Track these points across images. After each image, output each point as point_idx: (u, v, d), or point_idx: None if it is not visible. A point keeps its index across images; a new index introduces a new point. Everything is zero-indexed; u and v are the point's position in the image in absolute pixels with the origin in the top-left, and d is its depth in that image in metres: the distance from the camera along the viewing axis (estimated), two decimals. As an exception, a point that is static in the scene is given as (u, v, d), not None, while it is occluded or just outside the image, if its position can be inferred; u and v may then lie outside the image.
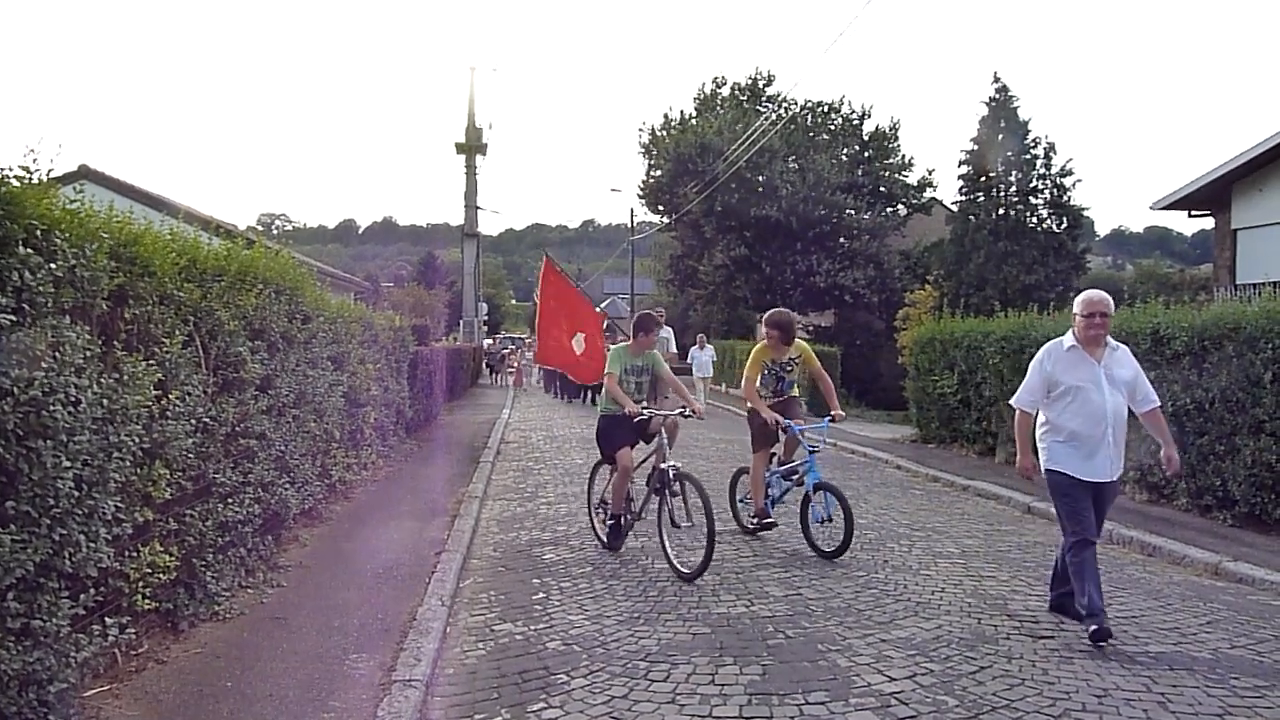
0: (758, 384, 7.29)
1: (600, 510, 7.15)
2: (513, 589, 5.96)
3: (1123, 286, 27.96)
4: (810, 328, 32.43)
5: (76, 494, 3.50)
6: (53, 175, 3.78)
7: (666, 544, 6.28)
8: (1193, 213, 21.31)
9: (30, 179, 3.57)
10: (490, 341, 42.21)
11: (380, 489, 9.48)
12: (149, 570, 4.23)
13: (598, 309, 28.88)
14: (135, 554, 4.19)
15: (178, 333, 4.70)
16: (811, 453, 6.79)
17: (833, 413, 7.15)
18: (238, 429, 5.51)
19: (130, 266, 4.32)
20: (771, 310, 7.41)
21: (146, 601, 4.24)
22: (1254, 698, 4.04)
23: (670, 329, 16.04)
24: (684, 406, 6.69)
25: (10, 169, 3.52)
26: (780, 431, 7.08)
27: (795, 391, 7.54)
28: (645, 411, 6.50)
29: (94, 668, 3.85)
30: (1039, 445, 5.17)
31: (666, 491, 6.37)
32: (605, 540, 6.91)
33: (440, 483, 9.88)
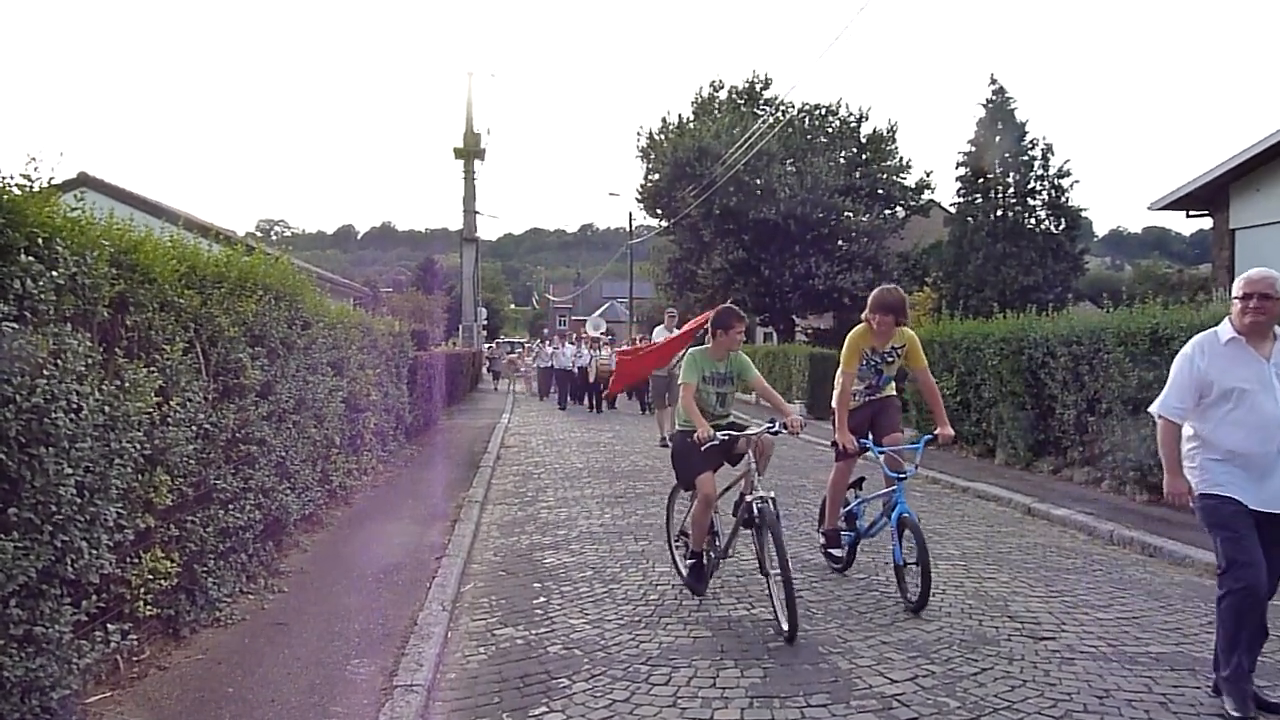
0: (854, 389, 6.02)
1: (680, 544, 6.04)
2: (514, 593, 5.97)
3: (1121, 287, 27.98)
4: (809, 330, 32.43)
5: (78, 501, 3.50)
6: (53, 183, 3.79)
7: (772, 592, 5.07)
8: (1191, 213, 21.33)
9: (31, 187, 3.59)
10: (491, 346, 42.04)
11: (380, 494, 9.48)
12: (150, 576, 4.24)
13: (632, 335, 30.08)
14: (137, 560, 4.20)
15: (178, 339, 4.71)
16: (899, 479, 5.58)
17: (938, 430, 5.80)
18: (238, 435, 5.52)
19: (131, 274, 4.33)
20: (879, 289, 6.00)
21: (148, 608, 4.25)
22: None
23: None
24: (774, 420, 5.44)
25: (11, 177, 3.54)
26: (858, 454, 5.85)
27: (892, 390, 6.26)
28: (719, 436, 5.26)
29: (96, 674, 3.85)
30: (1187, 465, 4.12)
31: (759, 528, 5.18)
32: (685, 578, 5.81)
33: (440, 487, 9.89)
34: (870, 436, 5.96)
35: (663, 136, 33.57)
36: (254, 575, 5.77)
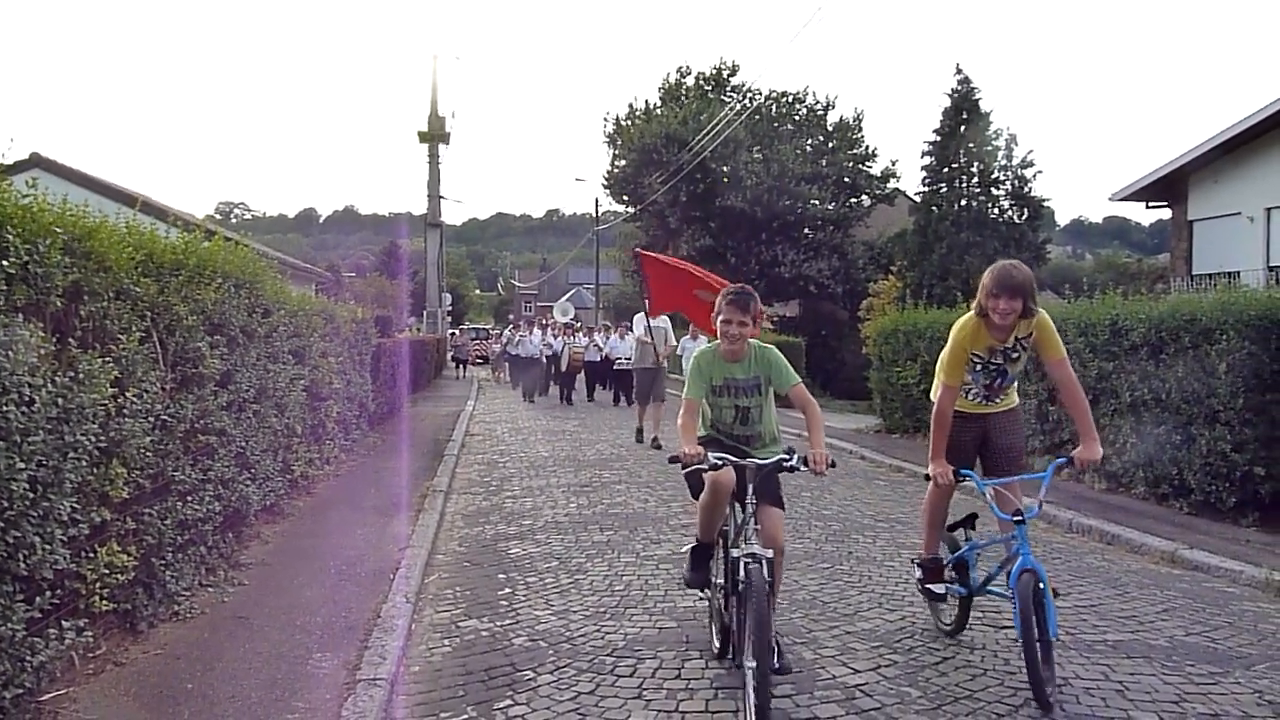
0: (962, 386, 4.50)
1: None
2: (478, 584, 5.94)
3: (1083, 277, 28.39)
4: (776, 318, 32.58)
5: (31, 495, 3.42)
6: (3, 164, 3.69)
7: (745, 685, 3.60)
8: (1150, 204, 21.68)
9: (-21, 172, 3.48)
10: (454, 333, 40.61)
11: (343, 483, 9.39)
12: (107, 571, 4.15)
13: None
14: (92, 555, 4.11)
15: (134, 329, 4.60)
16: (1019, 522, 4.07)
17: (1077, 451, 4.15)
18: (197, 425, 5.42)
19: (85, 262, 4.22)
20: (1000, 265, 4.34)
21: (104, 603, 4.16)
22: (1208, 684, 4.13)
23: (667, 318, 13.89)
24: (790, 452, 3.99)
25: (-42, 162, 3.43)
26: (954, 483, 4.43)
27: (1014, 397, 4.70)
28: (711, 459, 3.88)
29: (50, 671, 3.77)
30: None
31: (741, 595, 3.75)
32: (686, 572, 4.58)
33: (404, 476, 9.81)
34: (980, 462, 4.64)
35: (630, 122, 33.51)
36: (214, 568, 5.69)
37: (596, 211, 49.53)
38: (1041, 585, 3.81)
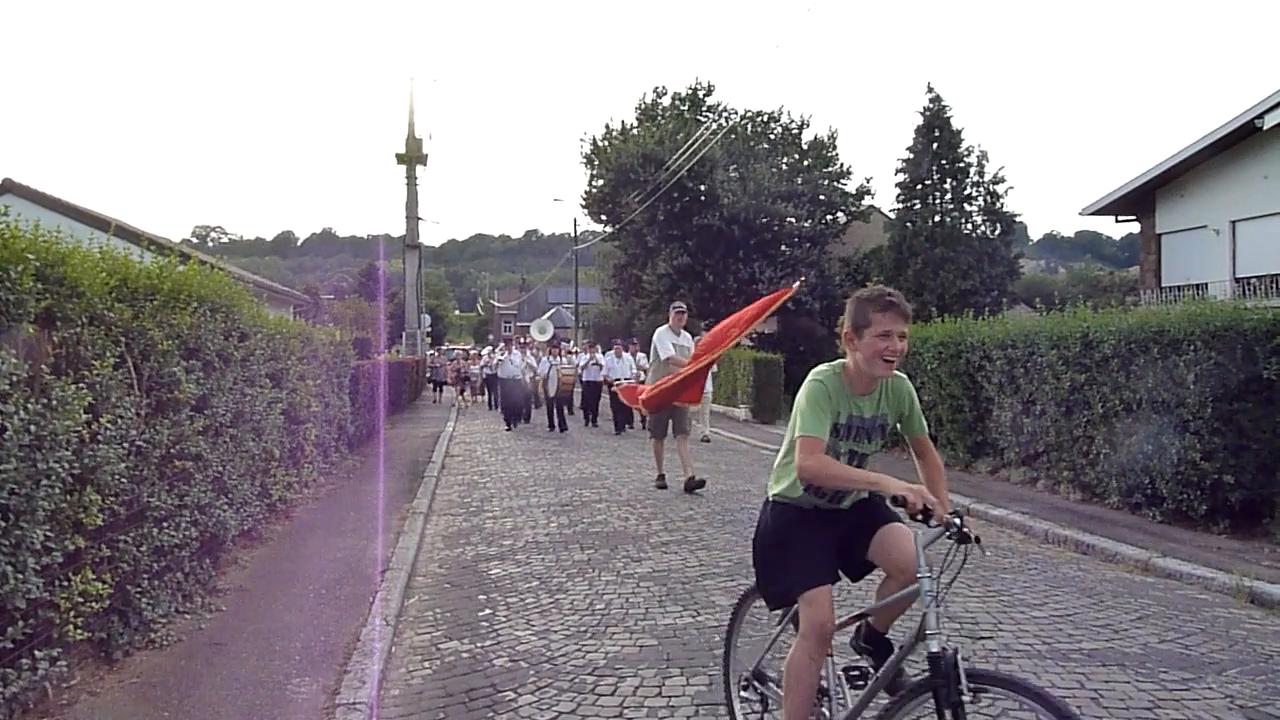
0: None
1: (750, 689, 3.52)
2: (459, 606, 5.92)
3: (1055, 290, 28.65)
4: (754, 334, 32.70)
5: (3, 524, 3.40)
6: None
7: None
8: (1119, 218, 21.99)
9: (-50, 200, 3.47)
10: (432, 354, 38.77)
11: (322, 507, 9.33)
12: (81, 599, 4.12)
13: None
14: (66, 583, 4.07)
15: (109, 354, 4.59)
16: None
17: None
18: (173, 451, 5.39)
19: (58, 287, 4.21)
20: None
21: (78, 631, 4.13)
22: (1181, 690, 4.19)
23: (689, 334, 11.27)
24: (957, 514, 2.80)
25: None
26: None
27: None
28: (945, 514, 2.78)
29: (23, 703, 3.73)
30: None
31: (940, 695, 2.59)
32: None
33: (384, 499, 9.77)
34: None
35: (607, 142, 33.64)
36: (190, 594, 5.65)
37: (575, 231, 49.61)
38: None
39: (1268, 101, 15.66)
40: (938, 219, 26.04)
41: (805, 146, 33.59)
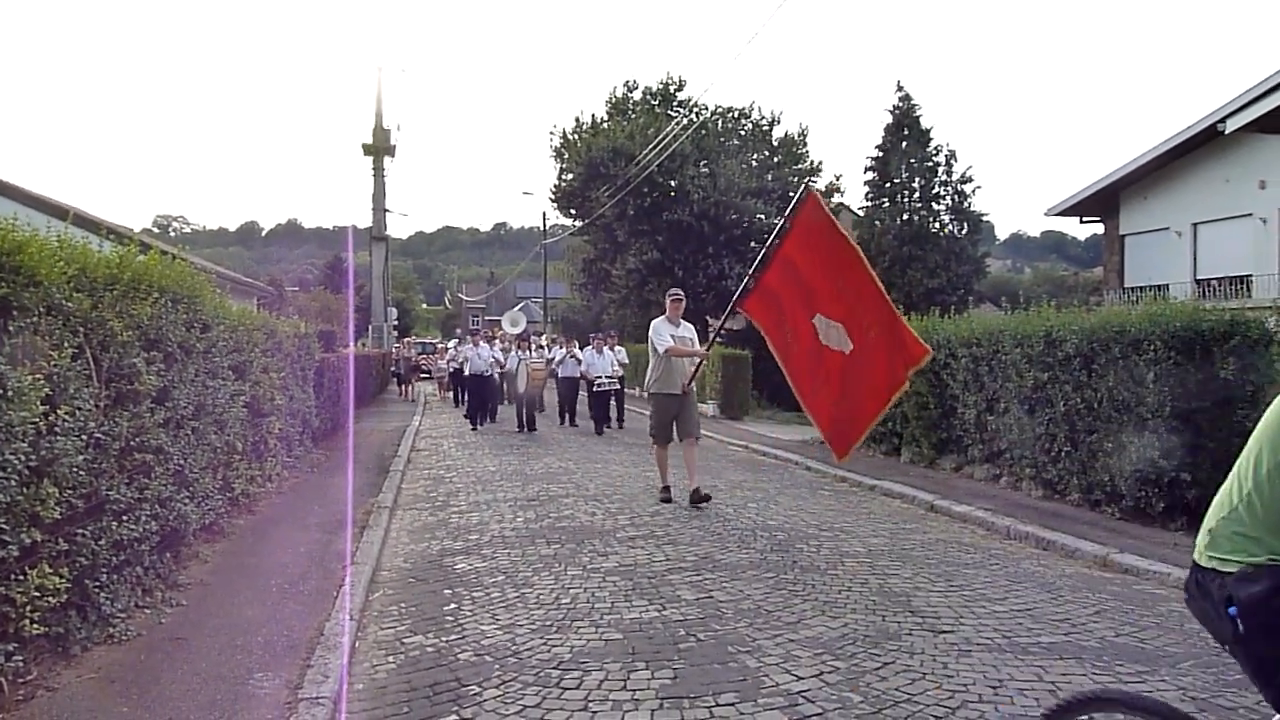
0: None
1: None
2: (423, 600, 5.89)
3: (1020, 290, 29.03)
4: (725, 331, 32.80)
5: (-44, 516, 3.34)
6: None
7: None
8: (1084, 219, 22.33)
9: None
10: (397, 347, 37.16)
11: (286, 501, 9.25)
12: (37, 594, 4.05)
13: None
14: (22, 577, 4.00)
15: (67, 345, 4.51)
16: None
17: None
18: (133, 443, 5.31)
19: (14, 276, 4.13)
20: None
21: (35, 626, 4.06)
22: (1136, 683, 4.27)
23: (690, 325, 10.12)
24: None
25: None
26: None
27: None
28: None
29: (-23, 698, 3.67)
30: None
31: None
32: None
33: (349, 493, 9.68)
34: None
35: (576, 136, 33.53)
36: (150, 589, 5.57)
37: (544, 225, 49.48)
38: None
39: (1230, 105, 15.96)
40: (906, 217, 26.27)
41: (775, 143, 33.68)
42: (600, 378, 17.01)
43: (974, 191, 26.68)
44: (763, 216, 31.14)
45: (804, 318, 7.85)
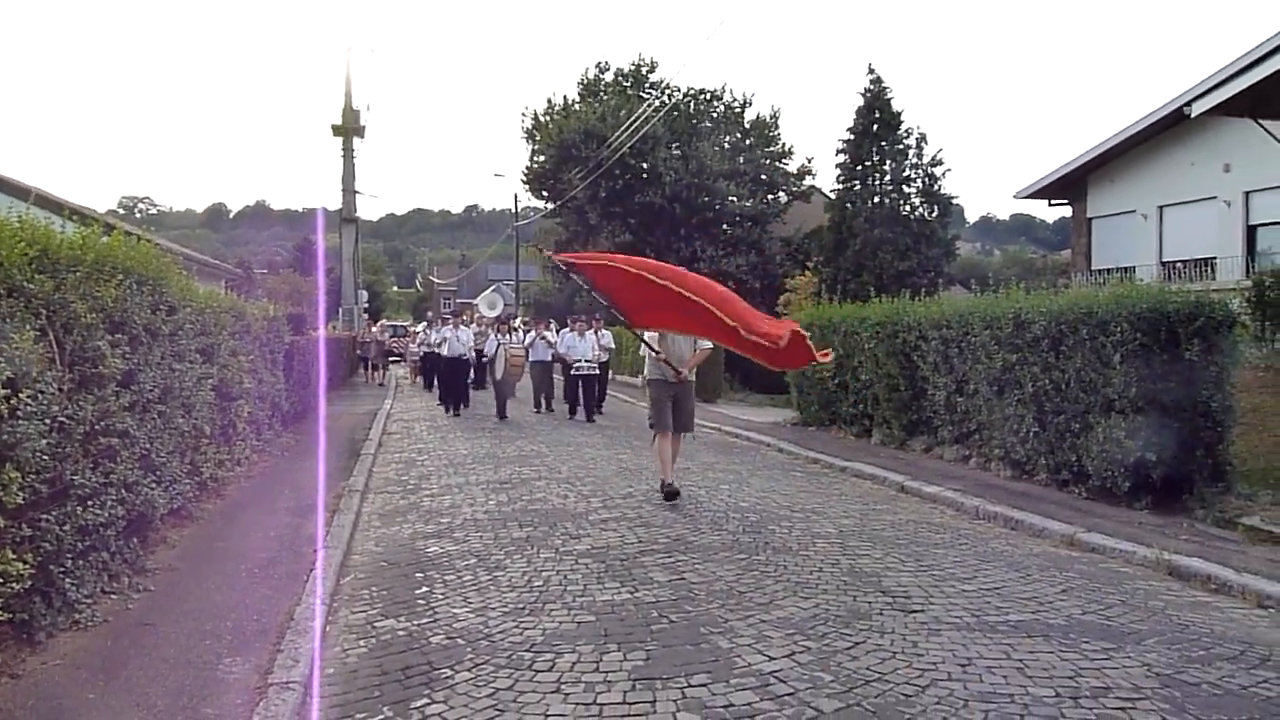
0: None
1: None
2: (395, 584, 5.87)
3: (990, 272, 29.28)
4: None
5: (-85, 502, 3.27)
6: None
7: None
8: (1052, 201, 22.53)
9: None
10: (371, 327, 34.92)
11: (255, 485, 9.16)
12: (0, 580, 3.99)
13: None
14: (-16, 563, 3.94)
15: (28, 327, 4.43)
16: None
17: None
18: (97, 427, 5.23)
19: (-28, 257, 4.05)
20: None
21: (-2, 613, 4.00)
22: (1102, 659, 4.33)
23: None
24: None
25: None
26: None
27: None
28: None
29: (-61, 686, 3.61)
30: None
31: None
32: None
33: (319, 477, 9.61)
34: None
35: (548, 118, 33.33)
36: (117, 574, 5.50)
37: (516, 207, 49.25)
38: None
39: (1196, 89, 16.10)
40: (877, 200, 26.31)
41: (748, 126, 33.66)
42: (580, 361, 16.22)
43: (944, 175, 26.71)
44: (735, 199, 31.17)
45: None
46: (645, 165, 29.91)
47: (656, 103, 29.68)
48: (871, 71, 26.45)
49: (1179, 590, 5.61)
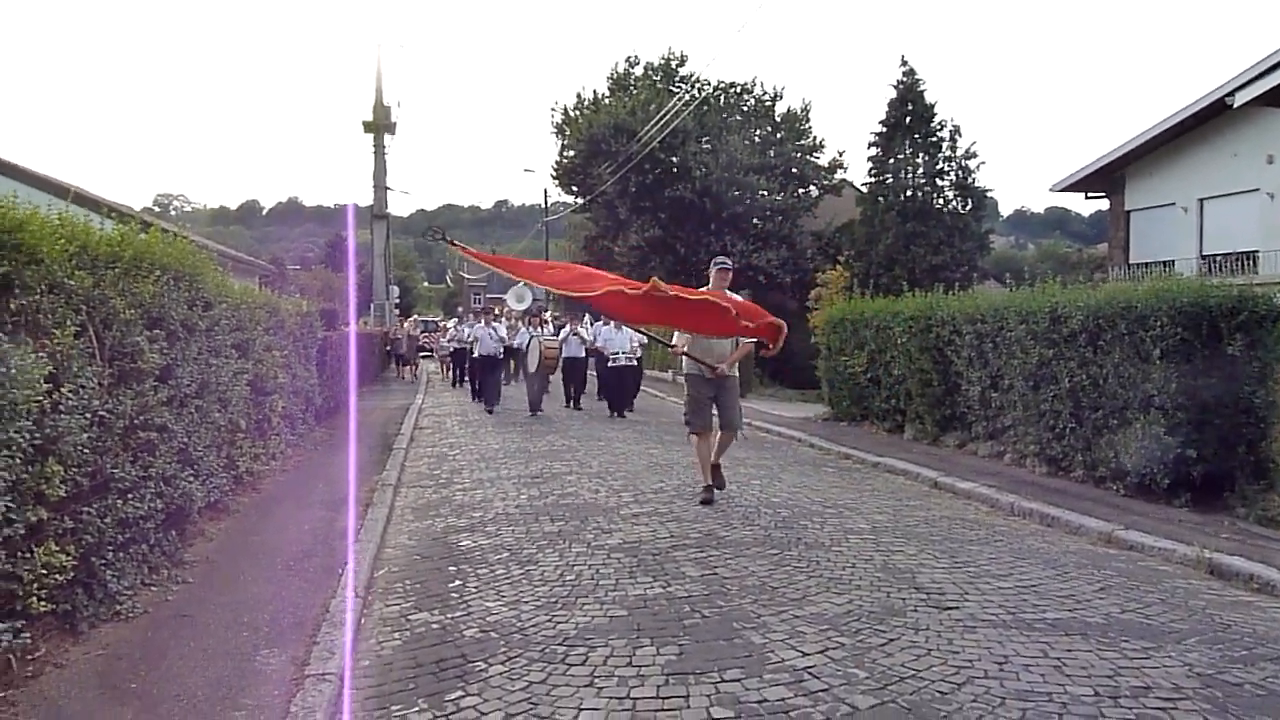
0: None
1: None
2: (428, 577, 5.91)
3: (1024, 266, 28.96)
4: (725, 308, 32.65)
5: (-39, 495, 3.33)
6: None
7: None
8: (1089, 194, 22.17)
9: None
10: (402, 322, 34.63)
11: (290, 479, 9.26)
12: (44, 571, 4.06)
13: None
14: (29, 555, 4.01)
15: (69, 322, 4.50)
16: None
17: None
18: (137, 421, 5.31)
19: (15, 254, 4.12)
20: None
21: (42, 604, 4.07)
22: (1141, 659, 4.27)
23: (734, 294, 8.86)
24: None
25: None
26: None
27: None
28: None
29: (-15, 675, 3.68)
30: None
31: None
32: None
33: (352, 471, 9.69)
34: None
35: (578, 113, 33.36)
36: (156, 566, 5.58)
37: (545, 202, 49.32)
38: None
39: (1239, 79, 15.79)
40: (909, 193, 26.07)
41: (778, 119, 33.47)
42: (617, 354, 16.01)
43: (978, 167, 26.44)
44: (765, 193, 31.01)
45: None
46: (675, 160, 29.83)
47: (686, 97, 29.60)
48: (904, 63, 26.20)
49: (1220, 589, 5.52)
